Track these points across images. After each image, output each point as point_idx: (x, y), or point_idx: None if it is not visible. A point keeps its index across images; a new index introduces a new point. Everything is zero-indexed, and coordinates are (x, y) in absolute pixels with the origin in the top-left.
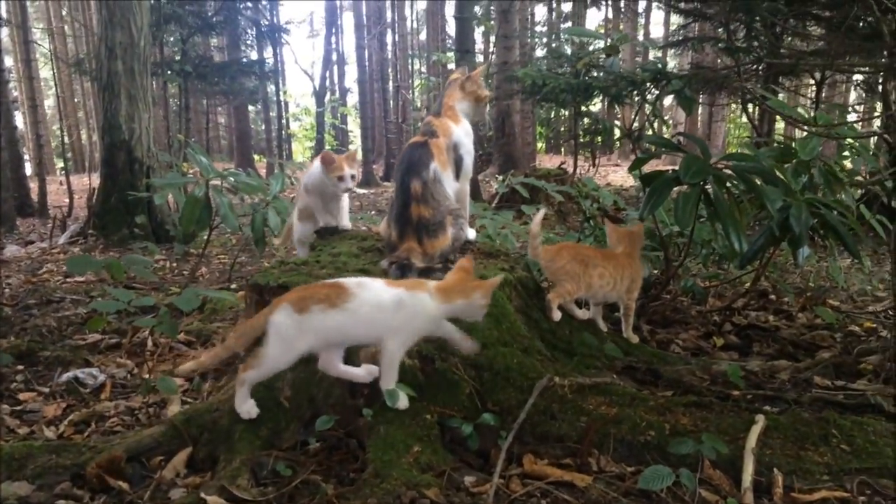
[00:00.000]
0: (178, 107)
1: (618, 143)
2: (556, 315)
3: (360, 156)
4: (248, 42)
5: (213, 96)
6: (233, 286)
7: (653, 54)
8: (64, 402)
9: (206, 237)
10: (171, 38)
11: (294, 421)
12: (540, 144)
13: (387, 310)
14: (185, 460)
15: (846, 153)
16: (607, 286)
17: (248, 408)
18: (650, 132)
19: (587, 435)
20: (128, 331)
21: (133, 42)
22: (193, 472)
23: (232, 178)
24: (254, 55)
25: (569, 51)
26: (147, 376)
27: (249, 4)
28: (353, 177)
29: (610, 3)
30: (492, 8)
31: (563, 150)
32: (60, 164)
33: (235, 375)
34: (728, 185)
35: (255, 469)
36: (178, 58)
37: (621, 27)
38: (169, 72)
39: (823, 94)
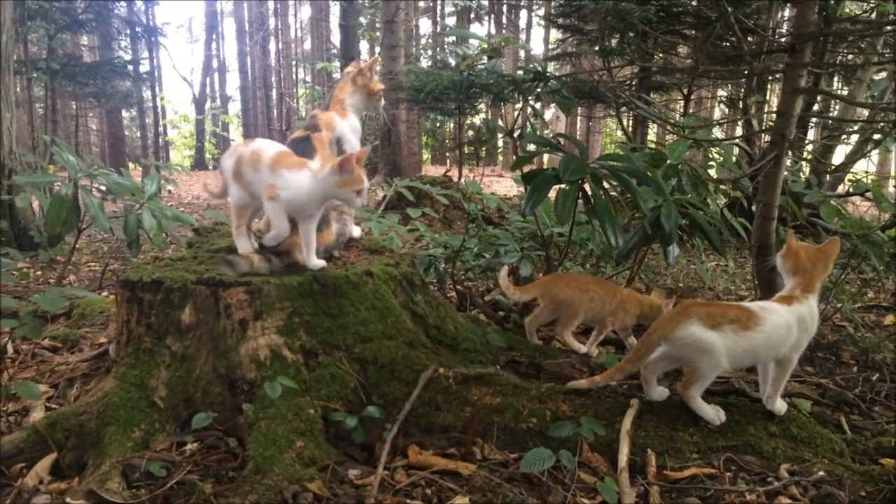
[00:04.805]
0: (44, 109)
1: (500, 154)
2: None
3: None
4: (122, 44)
5: (84, 99)
6: (104, 293)
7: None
8: None
9: (73, 242)
10: (36, 35)
11: (170, 421)
12: (426, 155)
13: (793, 328)
14: (49, 466)
15: (712, 163)
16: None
17: (714, 413)
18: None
19: (471, 424)
20: None
21: None
22: (59, 478)
23: (102, 178)
24: (128, 57)
25: (453, 63)
26: (6, 383)
27: (123, 4)
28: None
29: (492, 18)
30: (376, 18)
31: (448, 161)
32: None
33: (104, 378)
34: (605, 184)
35: (127, 471)
36: (44, 56)
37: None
38: (35, 72)
39: (690, 110)
